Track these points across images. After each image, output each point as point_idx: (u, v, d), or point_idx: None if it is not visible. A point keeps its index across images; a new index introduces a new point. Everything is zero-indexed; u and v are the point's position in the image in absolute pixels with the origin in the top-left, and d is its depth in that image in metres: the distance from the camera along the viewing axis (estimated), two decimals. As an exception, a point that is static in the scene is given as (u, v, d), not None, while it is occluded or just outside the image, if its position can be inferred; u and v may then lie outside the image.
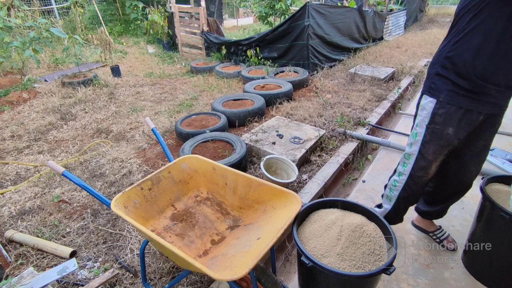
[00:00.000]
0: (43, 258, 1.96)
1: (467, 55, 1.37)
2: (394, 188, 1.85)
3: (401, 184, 1.80)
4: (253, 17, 12.42)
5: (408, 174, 1.74)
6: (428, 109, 1.54)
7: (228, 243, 1.45)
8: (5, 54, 5.97)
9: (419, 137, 1.60)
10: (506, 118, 3.56)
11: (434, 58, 1.55)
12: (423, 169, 1.67)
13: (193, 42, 7.50)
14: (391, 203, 1.91)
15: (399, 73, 5.54)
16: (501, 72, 1.35)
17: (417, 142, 1.63)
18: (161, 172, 1.64)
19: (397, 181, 1.82)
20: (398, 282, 1.80)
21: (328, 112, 3.83)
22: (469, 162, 1.70)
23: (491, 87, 1.38)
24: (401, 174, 1.78)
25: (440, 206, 1.97)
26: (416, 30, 9.92)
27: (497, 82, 1.37)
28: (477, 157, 1.69)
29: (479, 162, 1.71)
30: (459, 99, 1.44)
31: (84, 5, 8.67)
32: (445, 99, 1.47)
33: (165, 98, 4.95)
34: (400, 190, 1.82)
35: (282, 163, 2.69)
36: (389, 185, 1.91)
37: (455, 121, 1.48)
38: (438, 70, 1.49)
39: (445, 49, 1.46)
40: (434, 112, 1.51)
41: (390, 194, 1.89)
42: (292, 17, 5.44)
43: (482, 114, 1.47)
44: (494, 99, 1.43)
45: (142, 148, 3.32)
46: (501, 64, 1.34)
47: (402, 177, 1.78)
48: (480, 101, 1.43)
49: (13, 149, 3.45)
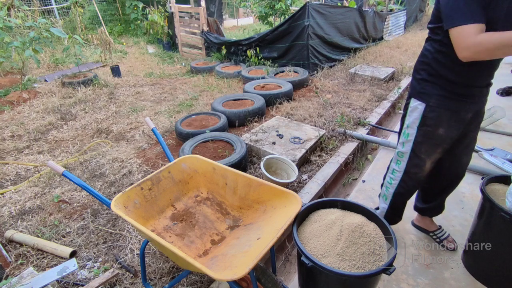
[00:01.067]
0: (43, 258, 1.97)
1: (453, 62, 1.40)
2: (390, 185, 1.88)
3: (396, 181, 1.83)
4: (253, 17, 12.42)
5: (403, 171, 1.77)
6: (418, 111, 1.58)
7: (228, 243, 1.45)
8: (5, 54, 5.97)
9: (411, 137, 1.65)
10: (506, 118, 3.58)
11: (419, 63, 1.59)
12: (417, 166, 1.72)
13: (193, 42, 7.50)
14: (387, 201, 1.93)
15: (399, 73, 5.54)
16: (483, 74, 1.44)
17: (409, 142, 1.67)
18: (161, 172, 1.64)
19: (393, 178, 1.85)
20: (398, 282, 1.80)
21: (328, 112, 3.83)
22: (461, 153, 1.75)
23: (476, 89, 1.47)
24: (395, 172, 1.82)
25: (437, 200, 1.98)
26: (416, 30, 9.93)
27: (480, 83, 1.47)
28: (468, 147, 1.74)
29: (469, 152, 1.77)
30: (448, 102, 1.50)
31: (84, 5, 8.67)
32: (435, 103, 1.52)
33: (165, 98, 4.95)
34: (395, 186, 1.84)
35: (282, 163, 2.69)
36: (384, 184, 1.94)
37: (445, 122, 1.53)
38: (425, 77, 1.54)
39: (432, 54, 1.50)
40: (424, 115, 1.56)
41: (386, 192, 1.92)
42: (292, 17, 5.44)
43: (471, 112, 1.54)
44: (478, 97, 1.52)
45: (142, 148, 3.32)
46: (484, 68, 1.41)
47: (397, 174, 1.81)
48: (468, 102, 1.50)
49: (13, 149, 3.45)
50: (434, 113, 1.52)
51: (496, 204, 1.56)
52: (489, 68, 1.44)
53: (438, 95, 1.50)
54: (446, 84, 1.47)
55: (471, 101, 1.49)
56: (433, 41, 1.49)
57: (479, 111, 1.61)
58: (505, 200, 1.54)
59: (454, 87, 1.46)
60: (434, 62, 1.49)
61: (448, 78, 1.46)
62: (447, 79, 1.46)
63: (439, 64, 1.47)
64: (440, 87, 1.49)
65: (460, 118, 1.53)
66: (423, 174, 1.75)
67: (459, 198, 2.43)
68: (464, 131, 1.61)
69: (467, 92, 1.47)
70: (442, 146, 1.63)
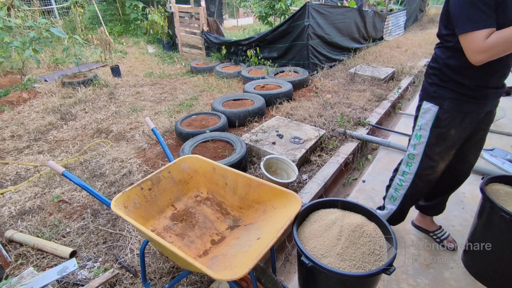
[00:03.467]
0: (43, 258, 1.96)
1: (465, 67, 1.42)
2: (400, 187, 1.85)
3: (407, 183, 1.80)
4: (253, 17, 12.41)
5: (414, 173, 1.75)
6: (431, 113, 1.57)
7: (228, 243, 1.45)
8: (5, 54, 5.97)
9: (424, 139, 1.63)
10: (506, 118, 3.58)
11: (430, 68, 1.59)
12: (430, 168, 1.70)
13: (193, 42, 7.50)
14: (395, 203, 1.91)
15: (399, 73, 5.54)
16: (497, 75, 1.44)
17: (421, 144, 1.65)
18: (161, 172, 1.64)
19: (403, 180, 1.82)
20: (398, 282, 1.80)
21: (328, 112, 3.83)
22: (468, 152, 1.74)
23: (489, 90, 1.47)
24: (405, 174, 1.79)
25: (439, 199, 1.98)
26: (416, 30, 9.92)
27: (493, 84, 1.46)
28: (475, 146, 1.73)
29: (477, 151, 1.76)
30: (462, 105, 1.50)
31: (84, 5, 8.67)
32: (448, 106, 1.52)
33: (165, 98, 4.95)
34: (407, 188, 1.82)
35: (282, 163, 2.69)
36: (393, 185, 1.91)
37: (458, 123, 1.54)
38: (436, 81, 1.55)
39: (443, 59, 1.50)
40: (438, 116, 1.55)
41: (396, 193, 1.89)
42: (292, 17, 5.44)
43: (482, 113, 1.55)
44: (491, 99, 1.52)
45: (142, 148, 3.32)
46: (497, 69, 1.41)
47: (408, 176, 1.78)
48: (481, 103, 1.50)
49: (13, 149, 3.45)
50: (448, 115, 1.53)
51: (496, 204, 1.56)
52: (502, 70, 1.44)
53: (451, 98, 1.50)
54: (458, 87, 1.48)
55: (484, 102, 1.50)
56: (445, 48, 1.49)
57: (491, 112, 1.61)
58: None
59: (467, 90, 1.47)
60: (445, 67, 1.49)
61: (460, 81, 1.46)
62: (459, 82, 1.47)
63: (450, 69, 1.48)
64: (453, 91, 1.49)
65: (473, 119, 1.54)
66: (436, 175, 1.74)
67: (459, 198, 2.43)
68: (474, 130, 1.62)
69: (480, 93, 1.47)
70: (455, 147, 1.63)
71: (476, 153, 1.77)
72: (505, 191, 1.69)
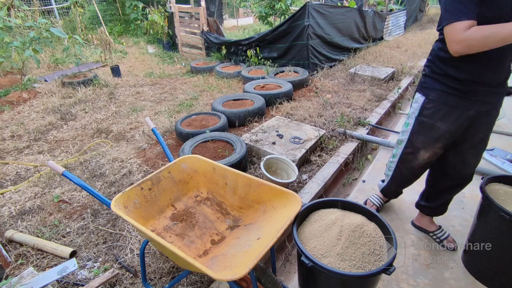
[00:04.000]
0: (43, 258, 1.96)
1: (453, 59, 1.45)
2: (390, 168, 2.07)
3: (393, 165, 2.01)
4: (253, 17, 12.41)
5: (398, 157, 1.93)
6: (418, 103, 1.68)
7: (228, 243, 1.45)
8: (5, 54, 5.97)
9: (409, 126, 1.78)
10: (506, 118, 3.58)
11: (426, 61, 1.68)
12: (411, 154, 1.83)
13: (193, 42, 7.50)
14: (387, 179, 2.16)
15: (399, 73, 5.54)
16: (490, 71, 1.45)
17: (407, 131, 1.80)
18: (161, 172, 1.64)
19: (392, 162, 2.03)
20: (398, 282, 1.80)
21: (328, 112, 3.83)
22: (467, 153, 1.75)
23: (480, 87, 1.48)
24: (394, 156, 2.00)
25: (441, 200, 1.99)
26: (416, 30, 9.92)
27: (486, 81, 1.47)
28: (475, 148, 1.74)
29: (477, 153, 1.77)
30: (448, 97, 1.56)
31: (84, 5, 8.67)
32: (434, 97, 1.60)
33: (165, 98, 4.95)
34: (393, 170, 2.03)
35: (282, 163, 2.69)
36: (387, 164, 2.14)
37: (441, 116, 1.60)
38: (428, 73, 1.64)
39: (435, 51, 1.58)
40: (423, 106, 1.66)
41: (388, 173, 2.12)
42: (292, 17, 5.44)
43: (472, 110, 1.55)
44: (483, 97, 1.52)
45: (142, 148, 3.32)
46: (488, 64, 1.42)
47: (395, 159, 1.99)
48: (468, 99, 1.52)
49: (13, 149, 3.45)
50: (432, 105, 1.61)
51: (496, 204, 1.56)
52: (494, 65, 1.43)
53: (438, 89, 1.57)
54: (448, 80, 1.53)
55: (473, 99, 1.51)
56: (439, 40, 1.56)
57: (489, 112, 1.58)
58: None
59: (455, 83, 1.51)
60: (437, 59, 1.56)
61: (450, 74, 1.51)
62: (449, 75, 1.52)
63: (441, 61, 1.53)
64: (441, 83, 1.56)
65: (460, 115, 1.56)
66: (417, 163, 1.84)
67: (459, 198, 2.43)
68: (471, 130, 1.62)
69: (468, 88, 1.49)
70: (442, 141, 1.68)
71: (476, 155, 1.77)
72: (505, 191, 1.69)
